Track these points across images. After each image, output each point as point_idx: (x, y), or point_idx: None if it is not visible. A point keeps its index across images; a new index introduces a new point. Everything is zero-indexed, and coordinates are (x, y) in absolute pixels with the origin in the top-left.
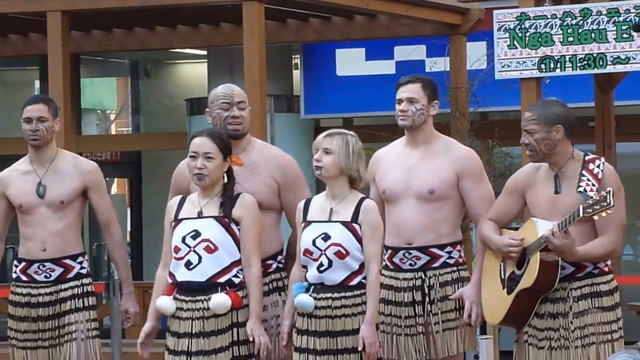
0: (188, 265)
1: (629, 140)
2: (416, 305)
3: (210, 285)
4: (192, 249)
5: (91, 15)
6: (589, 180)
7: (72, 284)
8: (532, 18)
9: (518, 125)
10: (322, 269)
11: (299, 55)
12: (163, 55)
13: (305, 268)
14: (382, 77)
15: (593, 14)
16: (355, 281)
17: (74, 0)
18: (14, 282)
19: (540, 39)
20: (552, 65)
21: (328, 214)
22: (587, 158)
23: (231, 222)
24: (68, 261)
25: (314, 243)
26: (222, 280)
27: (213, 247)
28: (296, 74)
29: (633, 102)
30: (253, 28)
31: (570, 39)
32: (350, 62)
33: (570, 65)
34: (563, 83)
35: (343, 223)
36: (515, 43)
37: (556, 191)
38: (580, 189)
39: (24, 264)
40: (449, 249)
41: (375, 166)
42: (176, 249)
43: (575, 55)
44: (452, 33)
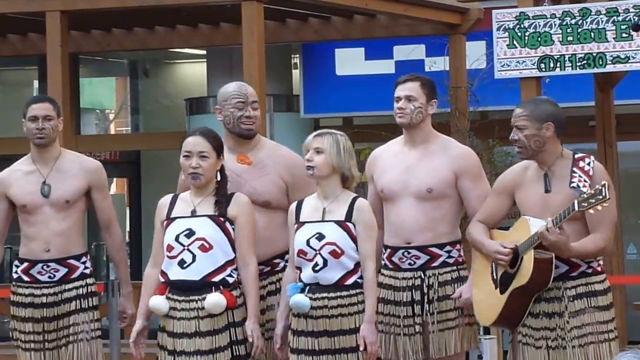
0: (182, 264)
1: (630, 139)
2: (415, 305)
3: (205, 284)
4: (186, 248)
5: (90, 15)
6: (580, 176)
7: (77, 284)
8: (531, 18)
9: None
10: (318, 268)
11: (298, 55)
12: (162, 55)
13: (298, 269)
14: (382, 77)
15: (592, 14)
16: (350, 280)
17: (73, 0)
18: (14, 283)
19: (539, 39)
20: (552, 65)
21: (321, 214)
22: (577, 156)
23: (226, 221)
24: (72, 261)
25: (308, 243)
26: (217, 279)
27: (208, 246)
28: (295, 73)
29: (633, 101)
30: (252, 28)
31: (570, 39)
32: (350, 62)
33: (570, 64)
34: (563, 82)
35: (337, 222)
36: (515, 42)
37: (546, 190)
38: (573, 184)
39: (26, 264)
40: (448, 248)
41: (373, 165)
42: (169, 248)
43: (575, 54)
44: (452, 33)
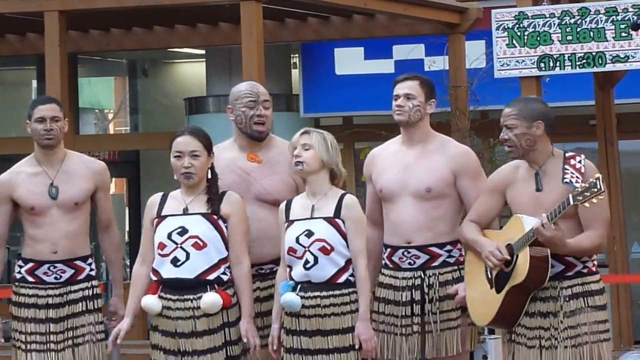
0: (175, 261)
1: (631, 138)
2: (414, 305)
3: (199, 282)
4: (179, 246)
5: (89, 15)
6: (572, 173)
7: (83, 285)
8: (531, 17)
9: None
10: (308, 266)
11: (297, 55)
12: (161, 55)
13: (289, 268)
14: (381, 76)
15: (591, 13)
16: (342, 278)
17: (72, 0)
18: (17, 283)
19: (539, 38)
20: (552, 64)
21: (310, 211)
22: (568, 155)
23: (219, 219)
24: (79, 262)
25: (297, 240)
26: (211, 277)
27: (202, 244)
28: (295, 73)
29: (633, 100)
30: (251, 27)
31: (569, 38)
32: (349, 61)
33: (570, 63)
34: (563, 81)
35: (326, 219)
36: (514, 42)
37: (537, 189)
38: (566, 179)
39: (31, 264)
40: (448, 247)
41: (372, 165)
42: (161, 246)
43: (575, 53)
44: (451, 32)
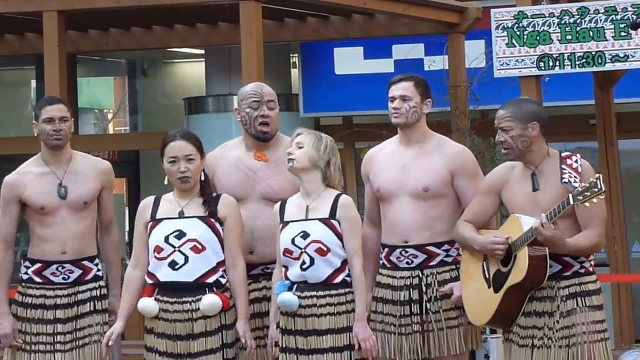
0: (173, 265)
1: (631, 137)
2: (412, 304)
3: (198, 285)
4: (177, 249)
5: (88, 15)
6: (570, 173)
7: (90, 285)
8: (530, 17)
9: None
10: (305, 266)
11: (297, 54)
12: (160, 55)
13: (285, 268)
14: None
15: (590, 12)
16: (339, 279)
17: (71, 0)
18: (23, 283)
19: (538, 37)
20: (551, 64)
21: (305, 213)
22: (564, 154)
23: (216, 222)
24: (86, 263)
25: (293, 242)
26: (210, 280)
27: (200, 247)
28: (294, 72)
29: (633, 100)
30: (251, 27)
31: (569, 37)
32: (349, 61)
33: (569, 63)
34: (563, 81)
35: (321, 220)
36: (514, 41)
37: (534, 189)
38: (564, 179)
39: (39, 265)
40: (446, 247)
41: (369, 165)
42: (158, 249)
43: (574, 53)
44: (450, 32)
